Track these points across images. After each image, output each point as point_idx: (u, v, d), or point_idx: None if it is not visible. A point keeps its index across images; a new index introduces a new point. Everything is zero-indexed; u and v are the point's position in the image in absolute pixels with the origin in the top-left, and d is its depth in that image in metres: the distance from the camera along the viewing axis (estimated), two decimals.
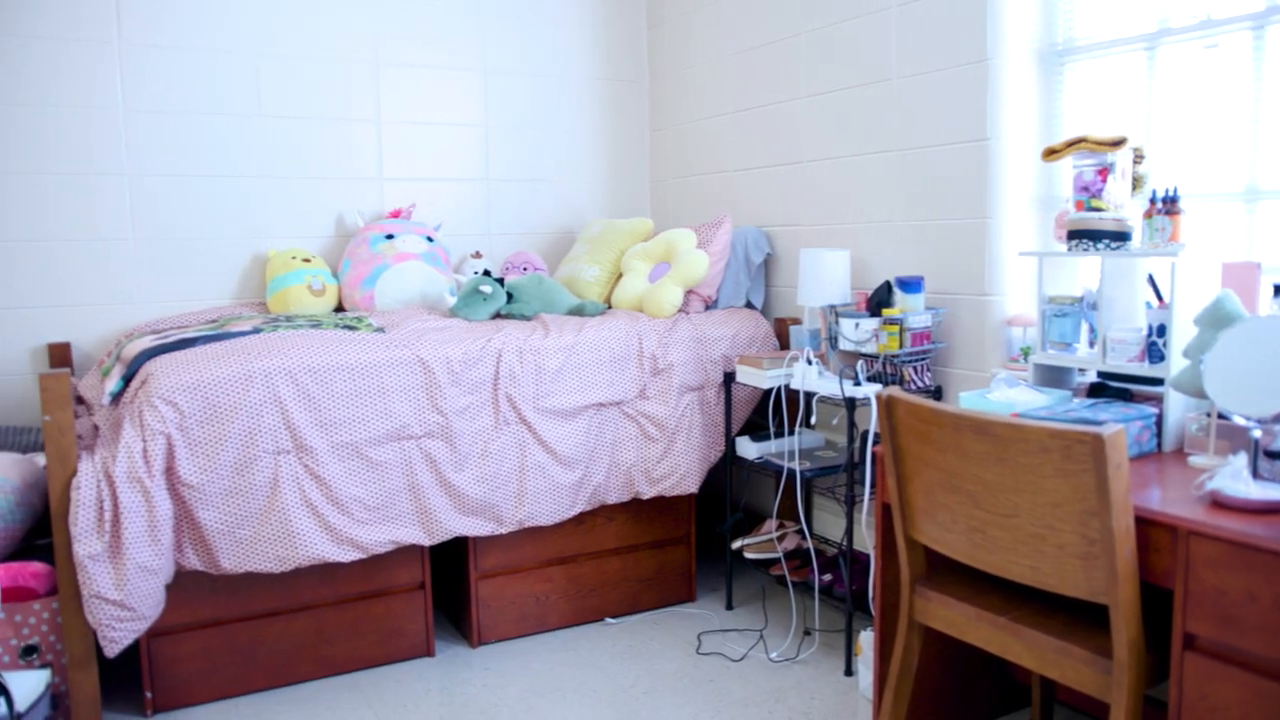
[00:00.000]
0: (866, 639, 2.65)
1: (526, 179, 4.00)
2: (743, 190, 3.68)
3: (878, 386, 2.72)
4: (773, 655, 2.93)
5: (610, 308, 3.47)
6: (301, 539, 2.58)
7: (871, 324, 2.79)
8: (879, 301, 2.86)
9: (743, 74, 3.62)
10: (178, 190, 3.40)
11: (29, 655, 2.42)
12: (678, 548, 3.30)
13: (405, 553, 2.89)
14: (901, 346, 2.73)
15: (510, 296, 3.26)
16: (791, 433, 3.17)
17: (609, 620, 3.21)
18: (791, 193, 3.43)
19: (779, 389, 3.17)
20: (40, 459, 2.80)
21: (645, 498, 3.11)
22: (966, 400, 2.30)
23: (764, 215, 3.58)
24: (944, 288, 2.88)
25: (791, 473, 2.91)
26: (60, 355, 3.19)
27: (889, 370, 2.78)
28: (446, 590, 3.23)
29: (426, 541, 2.77)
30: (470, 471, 2.80)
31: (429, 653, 2.97)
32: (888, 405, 2.04)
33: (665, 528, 3.27)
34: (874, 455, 2.69)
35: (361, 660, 2.88)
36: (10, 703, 2.05)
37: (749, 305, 3.55)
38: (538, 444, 2.89)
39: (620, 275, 3.57)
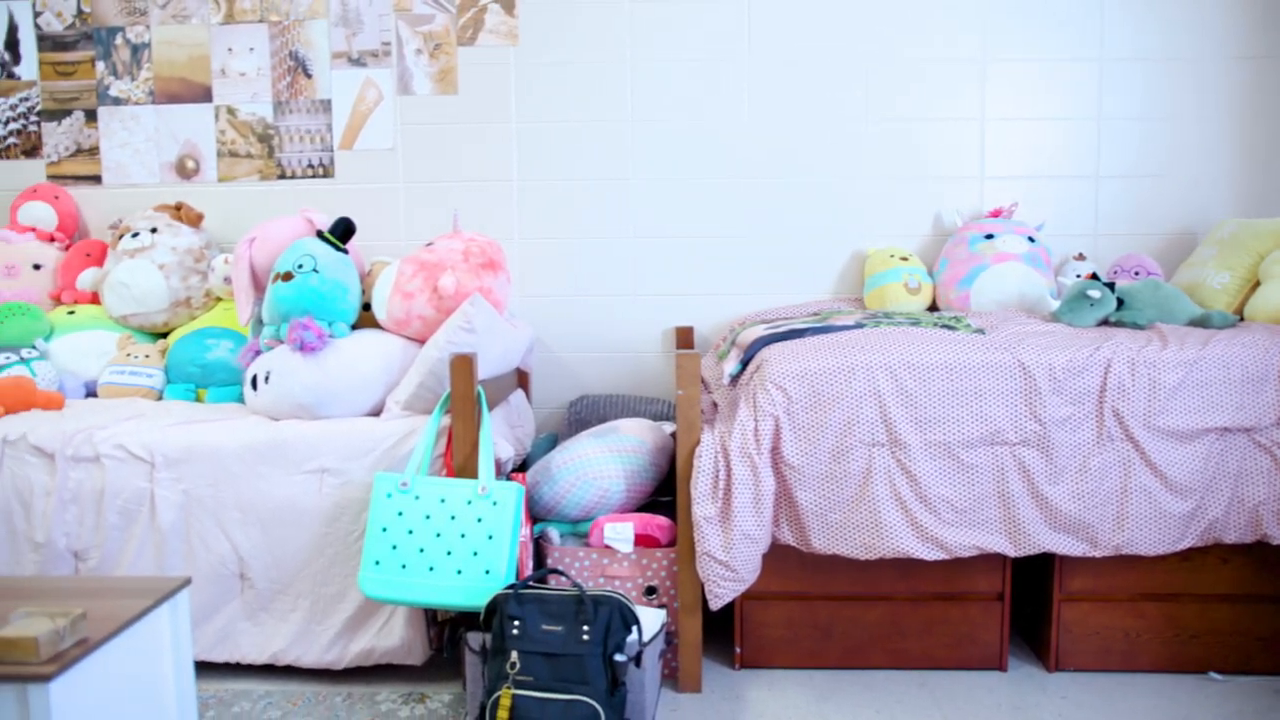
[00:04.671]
0: None
1: (1142, 175, 3.65)
2: None
3: None
4: None
5: (1242, 320, 3.05)
6: (888, 531, 2.64)
7: None
8: None
9: None
10: (786, 192, 3.67)
11: (650, 595, 2.80)
12: None
13: (987, 560, 2.82)
14: None
15: (1120, 303, 3.01)
16: None
17: (1214, 675, 2.83)
18: None
19: None
20: (666, 427, 3.21)
21: (1276, 543, 2.68)
22: None
23: None
24: None
25: None
26: (684, 338, 3.63)
27: None
28: (1022, 605, 3.10)
29: (1011, 552, 2.67)
30: (1066, 486, 2.64)
31: (1000, 666, 2.87)
32: None
33: None
34: None
35: (931, 660, 2.88)
36: (640, 631, 2.39)
37: None
38: (1145, 465, 2.63)
39: (1257, 283, 3.11)
